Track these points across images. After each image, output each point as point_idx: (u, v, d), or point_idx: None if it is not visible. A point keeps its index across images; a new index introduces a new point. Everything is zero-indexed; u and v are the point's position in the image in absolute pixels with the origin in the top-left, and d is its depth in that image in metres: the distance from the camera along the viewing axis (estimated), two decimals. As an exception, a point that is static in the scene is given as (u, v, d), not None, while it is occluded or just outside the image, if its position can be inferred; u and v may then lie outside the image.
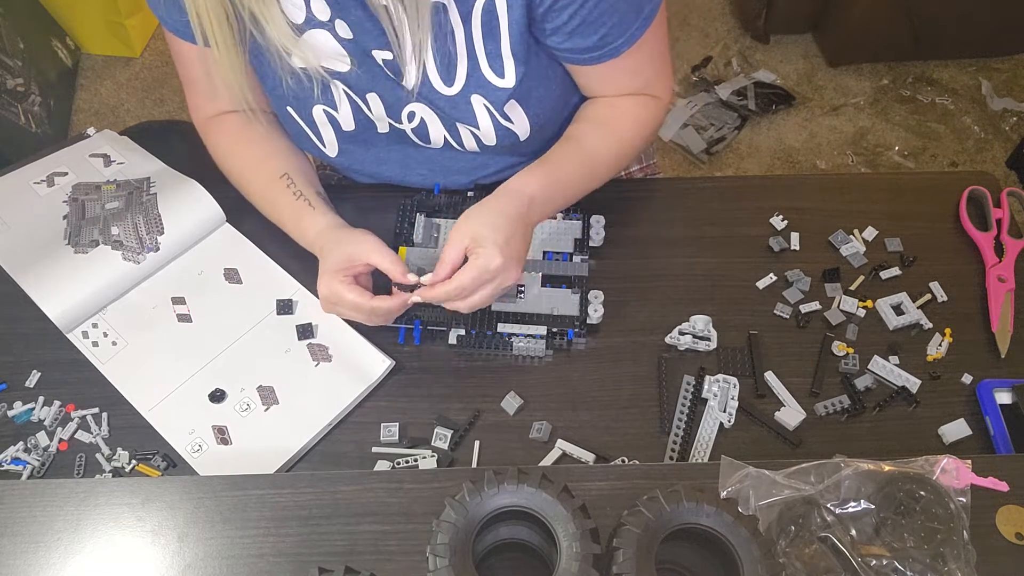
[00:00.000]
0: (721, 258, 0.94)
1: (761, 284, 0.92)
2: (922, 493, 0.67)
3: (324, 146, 0.91)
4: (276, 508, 0.71)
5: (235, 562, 0.69)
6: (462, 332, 0.87)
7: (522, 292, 0.90)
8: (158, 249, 0.92)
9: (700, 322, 0.88)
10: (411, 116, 0.87)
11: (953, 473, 0.68)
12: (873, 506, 0.67)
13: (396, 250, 0.93)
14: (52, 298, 0.87)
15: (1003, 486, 0.70)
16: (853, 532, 0.66)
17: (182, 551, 0.69)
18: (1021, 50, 2.20)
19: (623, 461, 0.80)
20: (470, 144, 0.89)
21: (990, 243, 0.94)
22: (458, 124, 0.86)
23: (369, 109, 0.87)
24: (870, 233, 0.96)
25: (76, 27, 2.18)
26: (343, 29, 0.79)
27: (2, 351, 0.88)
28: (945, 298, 0.91)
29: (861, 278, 0.93)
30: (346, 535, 0.70)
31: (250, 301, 0.91)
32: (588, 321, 0.88)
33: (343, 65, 0.82)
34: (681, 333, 0.87)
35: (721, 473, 0.69)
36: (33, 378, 0.86)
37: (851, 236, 0.95)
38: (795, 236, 0.95)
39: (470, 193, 0.97)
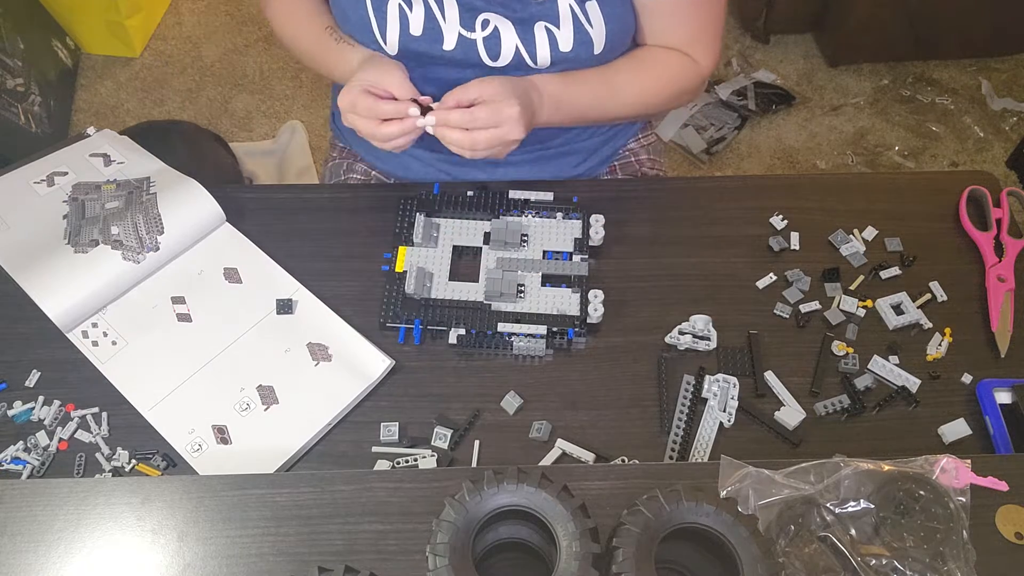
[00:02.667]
0: (721, 258, 0.94)
1: (761, 284, 0.92)
2: (922, 493, 0.67)
3: (385, 43, 0.90)
4: (276, 508, 0.71)
5: (235, 561, 0.69)
6: (462, 332, 0.87)
7: (522, 292, 0.90)
8: (158, 249, 0.92)
9: (700, 322, 0.88)
10: (485, 24, 0.87)
11: (953, 473, 0.68)
12: (873, 506, 0.67)
13: (396, 249, 0.93)
14: (52, 298, 0.87)
15: (1003, 486, 0.70)
16: (853, 532, 0.66)
17: (182, 551, 0.69)
18: (1021, 50, 2.20)
19: (623, 461, 0.80)
20: (543, 54, 0.89)
21: (990, 243, 0.94)
22: (537, 25, 0.87)
23: (443, 15, 0.87)
24: (870, 233, 0.96)
25: (76, 27, 2.18)
26: None
27: (2, 351, 0.88)
28: (945, 298, 0.91)
29: (861, 278, 0.93)
30: (346, 534, 0.70)
31: (250, 301, 0.91)
32: (588, 321, 0.88)
33: None
34: (681, 333, 0.87)
35: (721, 473, 0.69)
36: (33, 378, 0.86)
37: (851, 236, 0.95)
38: (795, 236, 0.95)
39: (470, 193, 0.97)
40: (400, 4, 0.88)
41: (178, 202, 0.95)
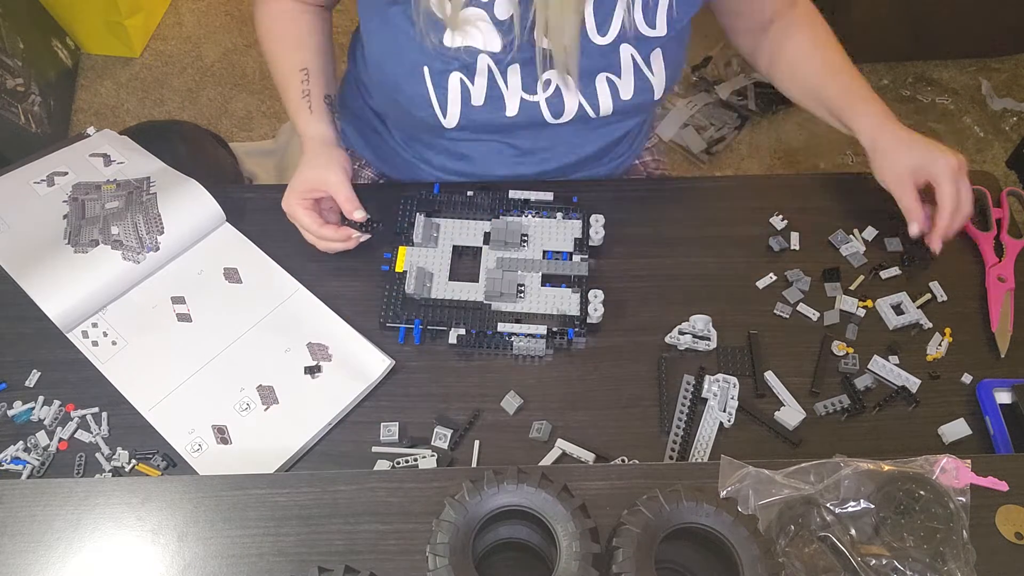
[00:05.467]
0: (721, 258, 0.94)
1: (761, 284, 0.92)
2: (922, 493, 0.67)
3: (445, 117, 0.88)
4: (276, 508, 0.71)
5: (235, 561, 0.69)
6: (462, 332, 0.87)
7: (522, 292, 0.90)
8: (158, 249, 0.92)
9: (700, 322, 0.88)
10: (547, 84, 0.86)
11: (953, 473, 0.68)
12: (873, 506, 0.67)
13: (396, 249, 0.93)
14: (52, 298, 0.87)
15: (1003, 486, 0.70)
16: (853, 532, 0.66)
17: (182, 551, 0.69)
18: (1021, 50, 2.20)
19: (623, 461, 0.80)
20: (605, 104, 0.88)
21: (990, 243, 0.94)
22: (598, 77, 0.86)
23: (506, 83, 0.86)
24: (870, 233, 0.96)
25: (76, 27, 2.18)
26: (501, 10, 0.80)
27: (2, 351, 0.88)
28: (945, 298, 0.91)
29: (861, 278, 0.93)
30: (346, 535, 0.70)
31: (250, 301, 0.91)
32: (588, 321, 0.88)
33: (494, 44, 0.83)
34: (681, 333, 0.87)
35: (721, 473, 0.69)
36: (33, 378, 0.86)
37: (851, 236, 0.95)
38: (795, 236, 0.95)
39: (470, 193, 0.97)
40: (462, 78, 0.85)
41: (178, 202, 0.95)
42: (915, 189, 0.88)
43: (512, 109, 0.88)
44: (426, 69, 0.85)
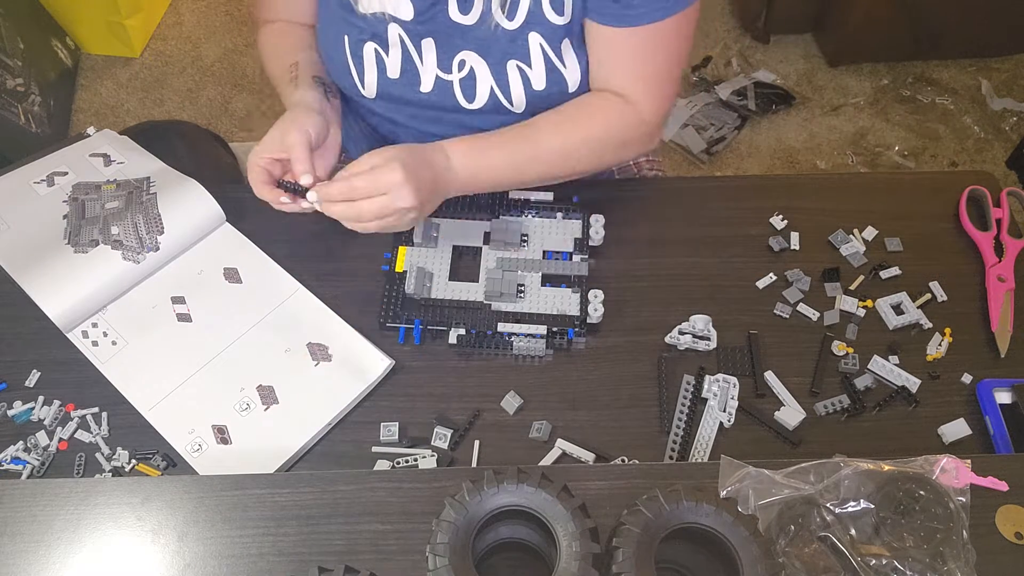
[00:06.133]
0: (721, 258, 0.94)
1: (761, 284, 0.92)
2: (922, 493, 0.67)
3: (363, 87, 0.90)
4: (276, 508, 0.71)
5: (235, 561, 0.69)
6: (462, 332, 0.87)
7: (522, 292, 0.90)
8: (158, 249, 0.92)
9: (700, 322, 0.88)
10: (461, 64, 0.86)
11: (953, 473, 0.68)
12: (873, 506, 0.67)
13: (396, 249, 0.93)
14: (52, 298, 0.87)
15: (1003, 486, 0.70)
16: (853, 532, 0.66)
17: (182, 550, 0.69)
18: (1021, 50, 2.20)
19: (623, 461, 0.80)
20: (518, 93, 0.87)
21: (990, 243, 0.94)
22: (509, 64, 0.86)
23: (420, 58, 0.87)
24: (870, 233, 0.96)
25: (76, 27, 2.18)
26: None
27: (2, 351, 0.88)
28: (945, 298, 0.91)
29: (861, 278, 0.93)
30: (345, 534, 0.70)
31: (250, 300, 0.91)
32: (588, 320, 0.88)
33: (407, 12, 0.83)
34: (681, 333, 0.87)
35: (721, 473, 0.69)
36: (33, 378, 0.86)
37: (851, 236, 0.95)
38: (795, 236, 0.95)
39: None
40: (376, 48, 0.87)
41: (178, 202, 0.95)
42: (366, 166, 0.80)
43: (427, 85, 0.88)
44: (346, 38, 0.88)
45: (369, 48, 0.88)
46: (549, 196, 0.97)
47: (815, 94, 2.13)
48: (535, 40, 0.84)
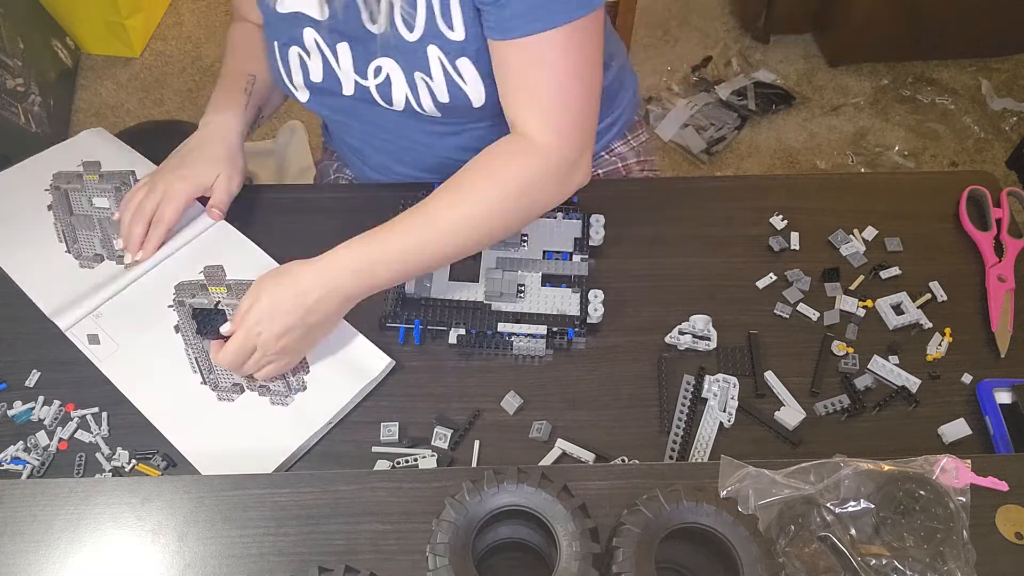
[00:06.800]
0: (721, 258, 0.94)
1: (761, 284, 0.92)
2: (922, 493, 0.67)
3: (295, 89, 0.92)
4: (276, 507, 0.71)
5: (235, 561, 0.69)
6: (462, 332, 0.87)
7: (522, 292, 0.90)
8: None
9: (700, 322, 0.88)
10: (377, 71, 0.86)
11: (953, 473, 0.68)
12: (873, 506, 0.67)
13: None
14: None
15: (1003, 486, 0.70)
16: (853, 531, 0.66)
17: (182, 550, 0.69)
18: (1021, 50, 2.20)
19: (623, 461, 0.80)
20: (427, 103, 0.87)
21: (990, 243, 0.94)
22: (416, 75, 0.85)
23: (337, 62, 0.88)
24: (870, 233, 0.96)
25: (76, 27, 2.18)
26: None
27: (2, 351, 0.88)
28: (945, 298, 0.91)
29: (861, 278, 0.93)
30: (346, 534, 0.70)
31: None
32: (588, 320, 0.88)
33: (318, 12, 0.84)
34: (681, 333, 0.87)
35: (721, 473, 0.69)
36: (33, 378, 0.86)
37: (851, 236, 0.95)
38: (795, 236, 0.95)
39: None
40: (300, 53, 0.89)
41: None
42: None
43: (348, 88, 0.89)
44: (275, 43, 0.90)
45: (294, 52, 0.89)
46: (549, 196, 0.97)
47: (815, 94, 2.13)
48: (434, 53, 0.83)
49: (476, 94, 0.86)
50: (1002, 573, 0.68)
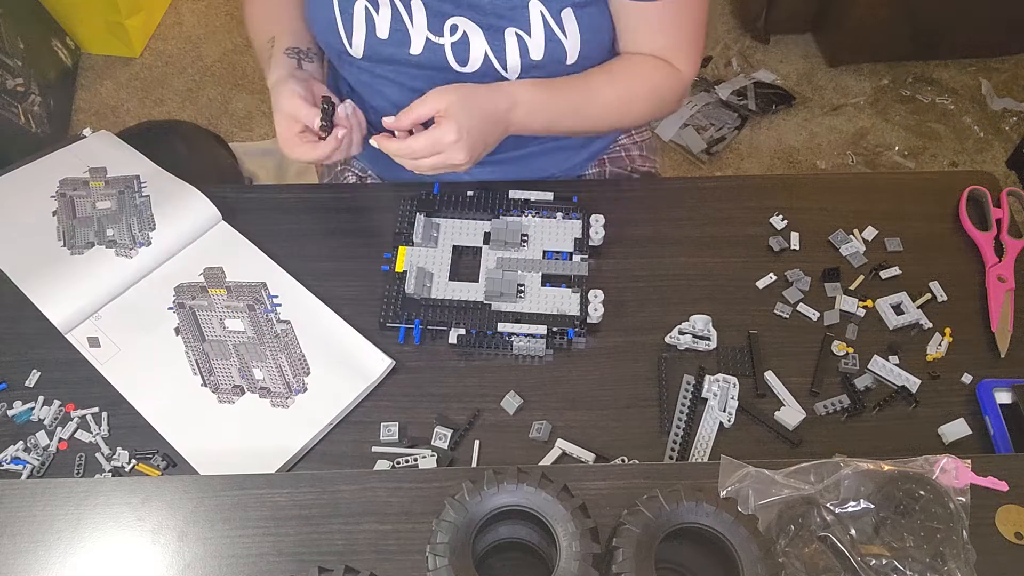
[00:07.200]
0: (721, 258, 0.94)
1: (761, 284, 0.92)
2: (922, 493, 0.67)
3: (351, 46, 0.90)
4: (276, 508, 0.71)
5: (235, 561, 0.69)
6: (462, 332, 0.87)
7: (522, 292, 0.90)
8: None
9: (700, 322, 0.88)
10: (453, 29, 0.86)
11: (953, 473, 0.68)
12: (873, 506, 0.67)
13: (396, 249, 0.93)
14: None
15: (1003, 486, 0.70)
16: (853, 532, 0.66)
17: (182, 550, 0.69)
18: (1021, 50, 2.20)
19: (623, 461, 0.80)
20: (513, 60, 0.87)
21: (990, 243, 0.94)
22: (507, 32, 0.85)
23: (410, 17, 0.86)
24: (870, 233, 0.96)
25: (76, 27, 2.18)
26: None
27: (2, 351, 0.88)
28: (945, 298, 0.91)
29: (861, 278, 0.93)
30: (346, 535, 0.70)
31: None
32: (588, 320, 0.88)
33: None
34: (681, 333, 0.87)
35: (721, 473, 0.69)
36: (33, 378, 0.86)
37: (851, 236, 0.95)
38: (795, 236, 0.95)
39: (470, 193, 0.97)
40: (367, 5, 0.87)
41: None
42: (431, 113, 0.83)
43: (417, 47, 0.88)
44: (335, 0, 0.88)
45: (359, 6, 0.88)
46: (549, 196, 0.97)
47: (815, 94, 2.13)
48: (536, 8, 0.85)
49: (573, 48, 0.88)
50: (1002, 573, 0.68)
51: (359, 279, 0.93)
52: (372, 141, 0.86)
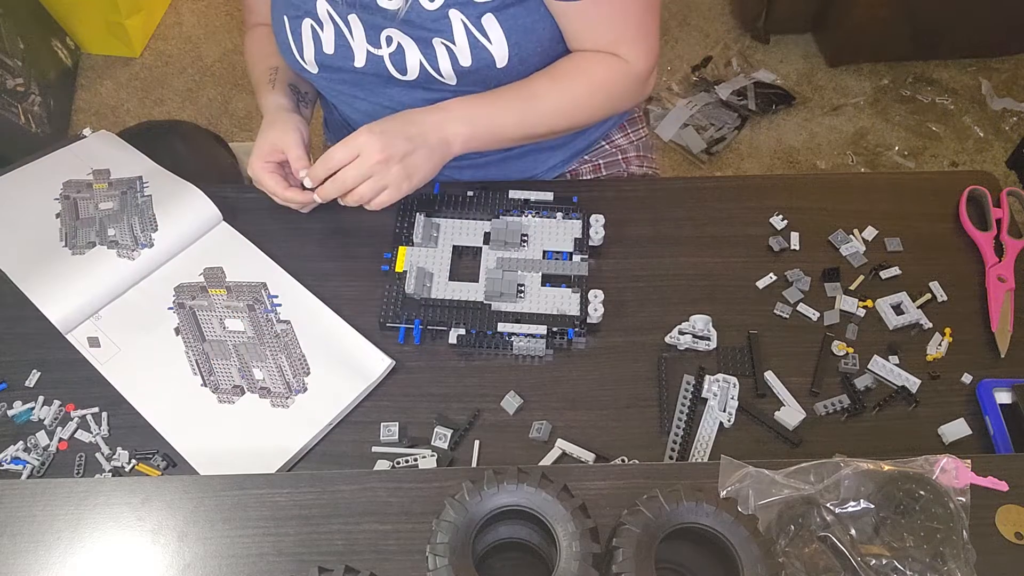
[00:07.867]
0: (721, 258, 0.94)
1: (761, 284, 0.92)
2: (922, 493, 0.67)
3: (304, 62, 0.93)
4: (276, 508, 0.71)
5: (235, 561, 0.69)
6: (462, 332, 0.87)
7: (522, 292, 0.90)
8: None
9: (700, 322, 0.88)
10: (388, 40, 0.88)
11: (953, 473, 0.68)
12: (873, 506, 0.67)
13: (396, 249, 0.93)
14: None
15: (1003, 486, 0.70)
16: (853, 532, 0.66)
17: (182, 550, 0.69)
18: (1021, 50, 2.20)
19: (623, 461, 0.80)
20: (446, 68, 0.88)
21: (990, 243, 0.94)
22: (435, 41, 0.86)
23: (350, 32, 0.88)
24: (870, 233, 0.96)
25: (76, 27, 2.18)
26: None
27: (2, 351, 0.88)
28: (945, 298, 0.91)
29: (861, 278, 0.93)
30: (346, 535, 0.70)
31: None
32: (588, 321, 0.88)
33: None
34: (681, 333, 0.87)
35: (721, 473, 0.69)
36: (33, 378, 0.86)
37: (851, 236, 0.95)
38: (795, 236, 0.95)
39: (470, 193, 0.97)
40: (312, 24, 0.90)
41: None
42: (349, 153, 0.85)
43: (360, 60, 0.90)
44: (285, 17, 0.91)
45: (306, 25, 0.90)
46: (549, 196, 0.97)
47: (815, 94, 2.13)
48: (456, 17, 0.85)
49: (500, 53, 0.87)
50: (1002, 573, 0.68)
51: (359, 279, 0.93)
52: (306, 182, 0.88)
